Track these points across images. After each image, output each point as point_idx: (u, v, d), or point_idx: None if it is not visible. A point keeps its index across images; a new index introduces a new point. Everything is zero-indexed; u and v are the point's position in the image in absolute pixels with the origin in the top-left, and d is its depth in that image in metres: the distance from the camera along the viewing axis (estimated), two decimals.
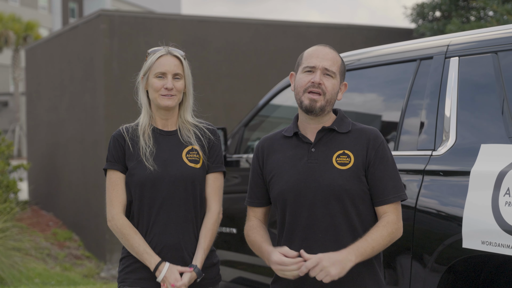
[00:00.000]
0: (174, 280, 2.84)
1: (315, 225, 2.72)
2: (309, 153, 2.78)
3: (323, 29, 12.02)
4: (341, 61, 2.84)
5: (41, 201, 13.32)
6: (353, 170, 2.73)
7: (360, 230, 2.73)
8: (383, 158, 2.76)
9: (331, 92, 2.77)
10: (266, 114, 5.32)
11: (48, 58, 13.10)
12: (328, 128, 2.80)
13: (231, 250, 4.99)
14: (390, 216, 2.74)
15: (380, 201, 2.75)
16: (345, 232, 2.72)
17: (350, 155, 2.75)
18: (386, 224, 2.70)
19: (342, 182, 2.71)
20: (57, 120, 12.48)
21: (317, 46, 2.85)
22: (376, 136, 2.79)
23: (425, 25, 11.61)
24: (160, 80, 2.95)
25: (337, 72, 2.80)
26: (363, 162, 2.74)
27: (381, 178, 2.74)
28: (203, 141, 3.03)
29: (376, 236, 2.67)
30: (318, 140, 2.79)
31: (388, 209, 2.75)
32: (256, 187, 2.92)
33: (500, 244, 2.89)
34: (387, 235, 2.70)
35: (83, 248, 11.15)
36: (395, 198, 2.75)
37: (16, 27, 30.88)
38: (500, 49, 3.26)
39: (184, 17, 11.37)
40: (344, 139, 2.79)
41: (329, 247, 2.69)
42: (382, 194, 2.75)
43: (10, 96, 35.53)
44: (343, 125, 2.82)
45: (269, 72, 11.22)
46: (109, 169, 2.98)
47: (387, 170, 2.76)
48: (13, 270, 7.91)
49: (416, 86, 3.61)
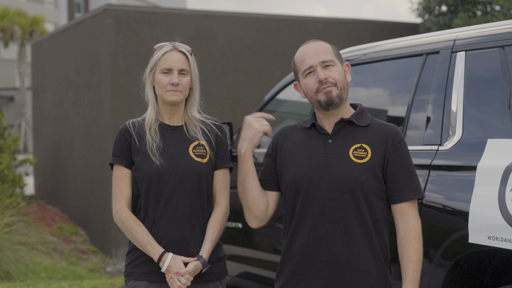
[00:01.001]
0: (178, 268, 2.84)
1: (325, 216, 2.70)
2: (326, 144, 2.76)
3: (328, 23, 12.00)
4: (331, 46, 2.81)
5: (47, 196, 13.35)
6: (369, 165, 2.70)
7: (371, 225, 2.71)
8: (402, 155, 2.73)
9: (340, 79, 2.75)
10: (272, 109, 5.32)
11: (54, 53, 13.12)
12: (347, 120, 2.78)
13: (236, 244, 4.99)
14: (411, 219, 2.71)
15: (398, 198, 2.72)
16: (355, 226, 2.69)
17: (368, 149, 2.72)
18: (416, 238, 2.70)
19: (357, 175, 2.69)
20: (63, 114, 12.49)
21: (302, 46, 2.82)
22: (396, 132, 2.76)
23: (431, 20, 11.59)
24: (166, 76, 2.95)
25: (335, 58, 2.77)
26: (381, 158, 2.72)
27: (400, 175, 2.71)
28: (210, 137, 3.03)
29: (417, 258, 2.68)
30: (335, 131, 2.77)
31: (407, 209, 2.72)
32: (267, 169, 2.91)
33: (506, 239, 2.88)
34: (421, 249, 2.71)
35: (89, 242, 11.18)
36: (414, 195, 2.72)
37: (22, 22, 30.93)
38: (507, 43, 3.25)
39: (189, 12, 11.36)
40: (363, 133, 2.76)
41: (338, 239, 2.69)
42: (400, 191, 2.71)
43: (16, 91, 35.61)
44: (362, 118, 2.80)
45: (274, 67, 11.22)
46: (115, 163, 2.99)
47: (406, 167, 2.72)
48: (19, 265, 7.93)
49: (423, 81, 3.60)
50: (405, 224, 2.71)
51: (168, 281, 2.87)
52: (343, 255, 2.69)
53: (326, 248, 2.70)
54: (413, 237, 2.68)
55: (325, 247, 2.70)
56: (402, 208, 2.72)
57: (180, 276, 2.84)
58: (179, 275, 2.84)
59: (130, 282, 2.97)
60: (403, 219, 2.72)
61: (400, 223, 2.73)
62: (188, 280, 2.85)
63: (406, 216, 2.71)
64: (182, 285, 2.84)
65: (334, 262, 2.69)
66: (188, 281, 2.85)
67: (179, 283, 2.84)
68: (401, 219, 2.73)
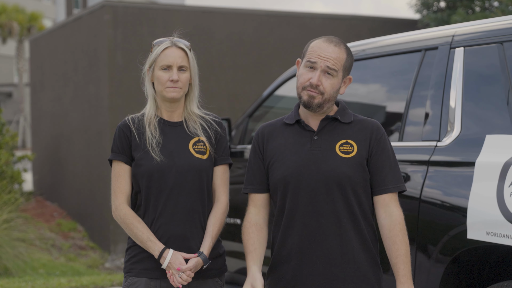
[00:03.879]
0: (179, 264, 2.84)
1: (316, 211, 2.73)
2: (312, 141, 2.79)
3: (327, 20, 11.99)
4: (346, 56, 2.79)
5: (46, 192, 13.35)
6: (356, 159, 2.75)
7: (360, 218, 2.76)
8: (384, 149, 2.79)
9: (330, 92, 2.76)
10: (270, 105, 5.31)
11: (52, 49, 13.10)
12: (331, 117, 2.82)
13: (235, 240, 4.99)
14: (394, 211, 2.75)
15: (380, 189, 2.77)
16: (346, 219, 2.73)
17: (354, 144, 2.77)
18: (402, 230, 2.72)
19: (345, 170, 2.73)
20: (61, 111, 12.49)
21: (324, 40, 2.79)
22: (379, 127, 2.83)
23: (430, 16, 11.58)
24: (165, 72, 2.94)
25: (340, 69, 2.77)
26: (366, 152, 2.77)
27: (382, 168, 2.77)
28: (210, 133, 3.03)
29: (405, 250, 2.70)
30: (321, 128, 2.80)
31: (389, 200, 2.76)
32: (257, 171, 2.89)
33: (505, 235, 2.89)
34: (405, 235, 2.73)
35: (87, 238, 11.18)
36: (395, 188, 2.77)
37: (20, 18, 30.89)
38: (506, 39, 3.25)
39: (188, 8, 11.35)
40: (347, 129, 2.81)
41: (331, 233, 2.72)
42: (382, 183, 2.77)
43: (14, 87, 35.56)
44: (346, 115, 2.85)
45: (273, 63, 11.21)
46: (114, 160, 2.98)
47: (388, 161, 2.79)
48: (17, 261, 7.93)
49: (421, 77, 3.60)
50: (389, 217, 2.74)
51: (169, 277, 2.87)
52: (336, 248, 2.72)
53: (319, 243, 2.73)
54: (398, 229, 2.72)
55: (318, 242, 2.73)
56: (385, 200, 2.76)
57: (181, 272, 2.84)
58: (180, 272, 2.84)
59: (130, 279, 2.96)
60: (386, 211, 2.75)
61: (383, 215, 2.76)
62: (189, 276, 2.85)
63: (389, 208, 2.75)
64: (183, 281, 2.85)
65: (327, 256, 2.73)
66: (189, 277, 2.85)
67: (180, 280, 2.84)
68: (383, 211, 2.76)
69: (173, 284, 2.86)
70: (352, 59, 2.86)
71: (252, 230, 2.85)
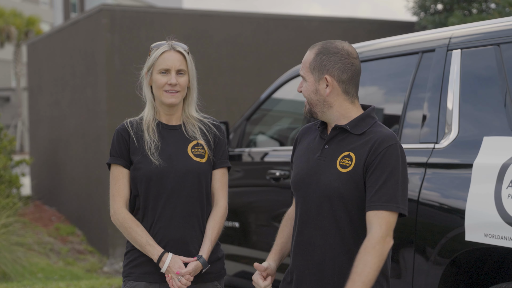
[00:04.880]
0: (178, 268, 2.84)
1: (309, 222, 2.73)
2: (322, 150, 2.75)
3: (324, 22, 12.00)
4: (314, 56, 2.72)
5: (44, 196, 13.34)
6: (351, 174, 2.64)
7: (350, 237, 2.65)
8: (383, 164, 2.58)
9: (308, 97, 2.75)
10: (268, 108, 5.32)
11: (50, 53, 13.10)
12: (340, 127, 2.72)
13: (234, 244, 4.99)
14: (371, 229, 2.55)
15: (368, 206, 2.58)
16: (333, 235, 2.67)
17: (353, 158, 2.65)
18: (366, 248, 2.51)
19: (337, 185, 2.64)
20: (59, 115, 12.48)
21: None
22: (383, 140, 2.62)
23: (427, 18, 11.59)
24: (163, 76, 2.94)
25: (307, 73, 2.73)
26: (361, 167, 2.64)
27: (375, 183, 2.58)
28: (209, 136, 3.03)
29: (361, 269, 2.49)
30: (331, 137, 2.74)
31: (372, 217, 2.56)
32: None
33: (503, 237, 2.89)
34: (372, 261, 2.50)
35: (86, 242, 11.16)
36: (382, 206, 2.54)
37: (18, 22, 30.88)
38: (503, 41, 3.25)
39: (185, 11, 11.36)
40: (356, 141, 2.69)
41: (319, 245, 2.70)
42: (370, 199, 2.57)
43: (12, 91, 35.54)
44: (360, 126, 2.71)
45: (270, 66, 11.21)
46: (112, 163, 2.98)
47: (383, 176, 2.57)
48: (16, 265, 7.92)
49: (418, 79, 3.60)
50: (367, 234, 2.57)
51: (168, 281, 2.86)
52: (322, 261, 2.69)
53: (310, 253, 2.72)
54: (363, 247, 2.53)
55: (309, 252, 2.72)
56: (369, 216, 2.58)
57: (181, 276, 2.84)
58: (179, 275, 2.84)
59: (129, 283, 2.96)
60: (368, 228, 2.58)
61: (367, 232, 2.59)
62: (189, 280, 2.85)
63: (369, 225, 2.58)
64: (183, 285, 2.84)
65: (315, 267, 2.71)
66: (188, 281, 2.85)
67: (180, 284, 2.84)
68: (368, 228, 2.59)
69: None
70: (325, 59, 2.71)
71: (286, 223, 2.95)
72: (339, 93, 2.71)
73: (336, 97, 2.72)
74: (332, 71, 2.70)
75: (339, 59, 2.71)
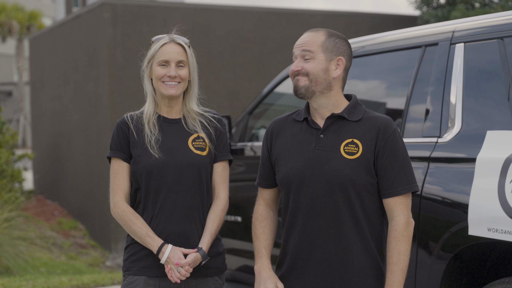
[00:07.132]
0: (177, 259, 2.83)
1: (317, 214, 2.68)
2: (318, 140, 2.71)
3: (327, 16, 11.98)
4: (326, 38, 2.75)
5: (46, 191, 13.35)
6: (360, 160, 2.65)
7: (363, 221, 2.67)
8: (392, 149, 2.65)
9: (313, 72, 2.70)
10: (270, 102, 5.31)
11: (52, 48, 13.10)
12: (337, 115, 2.73)
13: (236, 238, 4.99)
14: (395, 216, 2.64)
15: (388, 193, 2.66)
16: (347, 223, 2.66)
17: (359, 144, 2.66)
18: (396, 237, 2.62)
19: (348, 172, 2.64)
20: (61, 109, 12.48)
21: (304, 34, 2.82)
22: (387, 125, 2.68)
23: (430, 12, 11.57)
24: (163, 68, 2.93)
25: (317, 50, 2.72)
26: (372, 153, 2.66)
27: (390, 169, 2.64)
28: (210, 129, 3.02)
29: (396, 258, 2.60)
30: (327, 126, 2.72)
31: (393, 204, 2.64)
32: (264, 168, 2.89)
33: (506, 231, 2.88)
34: (404, 247, 2.61)
35: (88, 237, 11.18)
36: (405, 189, 2.64)
37: (20, 16, 30.90)
38: (506, 35, 3.24)
39: (187, 6, 11.34)
40: (354, 127, 2.70)
41: (331, 236, 2.67)
42: (390, 186, 2.64)
43: (14, 86, 35.57)
44: (355, 112, 2.74)
45: (273, 60, 11.20)
46: (113, 157, 2.97)
47: (397, 161, 2.64)
48: (18, 260, 7.93)
49: (421, 73, 3.59)
50: (391, 222, 2.66)
51: (167, 272, 2.85)
52: (336, 251, 2.67)
53: (319, 245, 2.68)
54: (392, 236, 2.62)
55: (319, 244, 2.68)
56: (389, 203, 2.66)
57: (180, 267, 2.83)
58: (178, 266, 2.83)
59: (129, 277, 2.95)
60: (390, 215, 2.67)
61: (389, 219, 2.68)
62: (188, 271, 2.84)
63: (392, 212, 2.66)
64: (182, 276, 2.83)
65: (327, 259, 2.68)
66: (187, 272, 2.83)
67: (179, 275, 2.83)
68: (389, 215, 2.68)
69: (171, 279, 2.84)
70: (338, 42, 2.76)
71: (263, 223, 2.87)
72: (340, 78, 2.76)
73: (338, 82, 2.75)
74: (344, 55, 2.76)
75: (349, 47, 2.80)
